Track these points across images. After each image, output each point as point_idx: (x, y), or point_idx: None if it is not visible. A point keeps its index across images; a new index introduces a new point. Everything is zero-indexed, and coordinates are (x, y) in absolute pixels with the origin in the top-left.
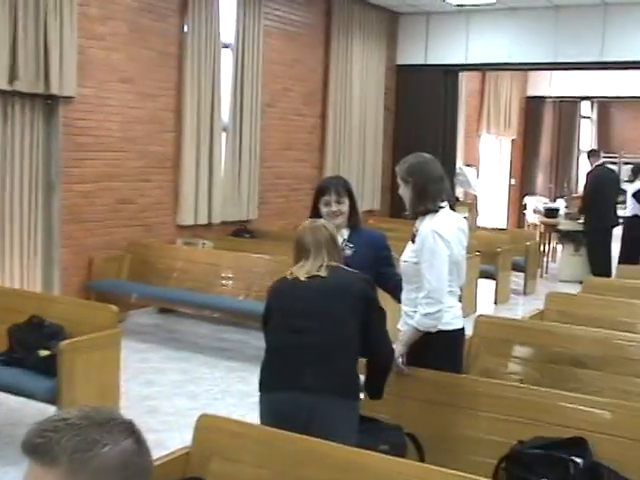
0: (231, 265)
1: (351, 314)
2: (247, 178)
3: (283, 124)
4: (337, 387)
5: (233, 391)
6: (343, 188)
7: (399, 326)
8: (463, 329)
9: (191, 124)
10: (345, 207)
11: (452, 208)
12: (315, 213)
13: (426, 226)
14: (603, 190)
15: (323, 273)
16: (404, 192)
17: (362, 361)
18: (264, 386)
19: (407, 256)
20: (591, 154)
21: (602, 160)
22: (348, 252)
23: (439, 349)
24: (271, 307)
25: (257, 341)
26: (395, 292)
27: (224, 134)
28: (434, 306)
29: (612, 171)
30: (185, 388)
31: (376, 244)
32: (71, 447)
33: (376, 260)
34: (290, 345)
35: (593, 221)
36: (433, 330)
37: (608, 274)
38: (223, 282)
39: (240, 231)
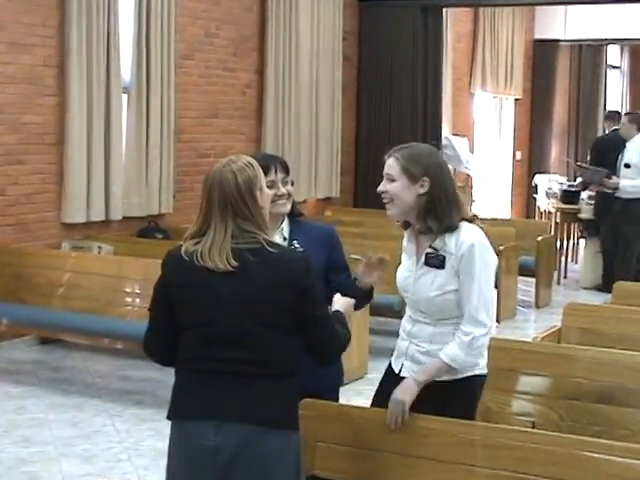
0: (138, 276)
1: (281, 323)
2: (158, 157)
3: (206, 83)
4: (269, 415)
5: (143, 449)
6: (285, 165)
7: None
8: None
9: (79, 84)
10: (291, 189)
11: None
12: None
13: (467, 237)
14: None
15: (235, 265)
16: (406, 193)
17: None
18: (178, 412)
19: (442, 287)
20: (608, 117)
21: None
22: None
23: (468, 397)
24: (170, 299)
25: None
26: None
27: (125, 97)
28: (484, 334)
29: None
30: (77, 447)
31: (327, 241)
32: None
33: (328, 264)
34: (210, 366)
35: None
36: (469, 371)
37: None
38: (127, 300)
39: (149, 230)
